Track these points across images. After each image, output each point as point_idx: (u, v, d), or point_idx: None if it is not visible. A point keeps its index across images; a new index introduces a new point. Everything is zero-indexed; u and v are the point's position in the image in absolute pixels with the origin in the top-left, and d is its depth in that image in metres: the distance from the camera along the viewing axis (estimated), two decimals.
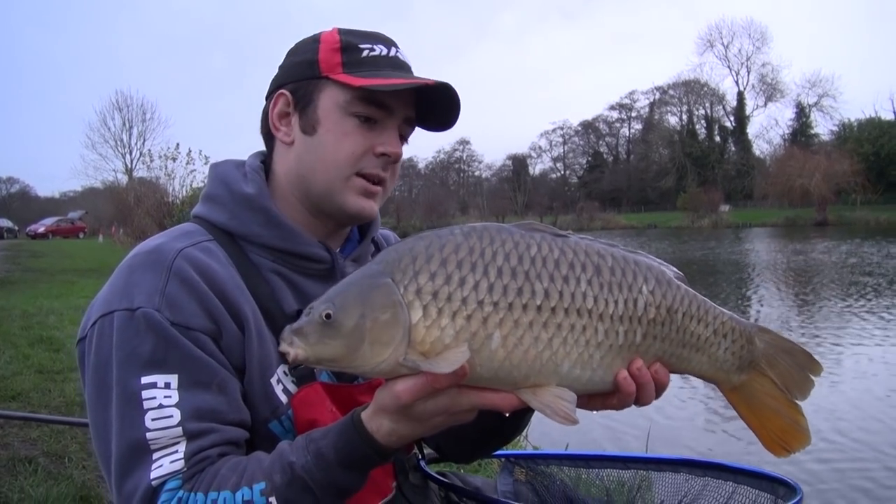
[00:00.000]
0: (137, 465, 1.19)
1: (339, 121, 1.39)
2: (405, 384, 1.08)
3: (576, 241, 1.18)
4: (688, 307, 1.22)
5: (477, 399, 1.11)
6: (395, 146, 1.43)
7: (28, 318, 10.44)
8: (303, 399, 1.35)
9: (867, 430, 7.06)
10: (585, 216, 79.75)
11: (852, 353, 10.49)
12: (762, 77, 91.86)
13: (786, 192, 65.59)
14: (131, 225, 30.07)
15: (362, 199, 1.43)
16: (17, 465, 4.26)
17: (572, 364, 1.12)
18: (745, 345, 1.27)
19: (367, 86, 1.36)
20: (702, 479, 1.66)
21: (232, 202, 1.43)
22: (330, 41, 1.43)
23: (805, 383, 1.29)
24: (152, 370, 1.21)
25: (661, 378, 1.22)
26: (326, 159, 1.41)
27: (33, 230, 55.93)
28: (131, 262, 1.32)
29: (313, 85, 1.42)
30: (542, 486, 1.75)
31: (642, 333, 1.18)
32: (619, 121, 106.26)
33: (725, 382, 1.29)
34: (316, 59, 1.42)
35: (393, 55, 1.44)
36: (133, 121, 60.85)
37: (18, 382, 6.25)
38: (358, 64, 1.40)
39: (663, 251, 34.82)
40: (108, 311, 1.26)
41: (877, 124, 73.80)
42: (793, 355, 1.30)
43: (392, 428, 1.15)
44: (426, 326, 1.06)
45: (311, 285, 1.43)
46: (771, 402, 1.29)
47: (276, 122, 1.46)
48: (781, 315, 14.44)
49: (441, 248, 1.10)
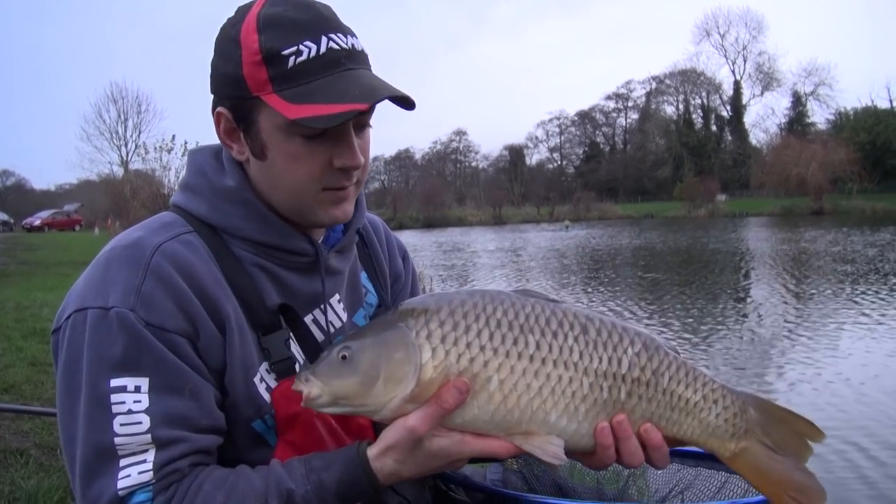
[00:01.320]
0: (103, 470, 1.16)
1: (285, 143, 1.27)
2: (417, 415, 1.16)
3: (566, 306, 1.26)
4: (675, 372, 1.28)
5: (479, 445, 1.19)
6: (353, 157, 1.30)
7: (22, 311, 10.41)
8: (283, 392, 1.32)
9: (860, 415, 7.08)
10: (582, 206, 79.86)
11: (833, 340, 10.56)
12: (759, 66, 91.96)
13: (782, 181, 65.77)
14: (127, 217, 30.09)
15: (333, 208, 1.35)
16: (8, 457, 4.25)
17: (559, 414, 1.21)
18: (738, 412, 1.30)
19: (299, 120, 1.22)
20: (694, 469, 1.66)
21: (212, 193, 1.36)
22: (251, 49, 1.24)
23: (803, 451, 1.30)
24: (123, 372, 1.17)
25: (651, 438, 1.25)
26: (285, 184, 1.32)
27: (29, 223, 55.70)
28: (109, 256, 1.27)
29: (249, 105, 1.27)
30: (532, 475, 1.74)
31: (626, 392, 1.24)
32: (615, 111, 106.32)
33: (722, 450, 1.31)
34: (241, 76, 1.25)
35: (325, 50, 1.24)
36: (128, 113, 60.69)
37: (11, 375, 6.23)
38: (286, 79, 1.23)
39: (658, 240, 34.91)
40: (81, 307, 1.22)
41: (873, 113, 73.93)
42: (790, 424, 1.32)
43: (395, 468, 1.20)
44: (434, 366, 1.17)
45: (294, 278, 1.39)
46: (777, 464, 1.30)
47: (227, 141, 1.35)
48: (766, 303, 14.57)
49: (449, 302, 1.22)
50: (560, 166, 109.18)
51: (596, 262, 27.01)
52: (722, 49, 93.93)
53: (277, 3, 1.27)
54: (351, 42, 1.29)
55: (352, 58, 1.28)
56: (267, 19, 1.25)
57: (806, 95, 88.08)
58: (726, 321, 13.02)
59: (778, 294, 15.98)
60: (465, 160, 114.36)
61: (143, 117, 60.69)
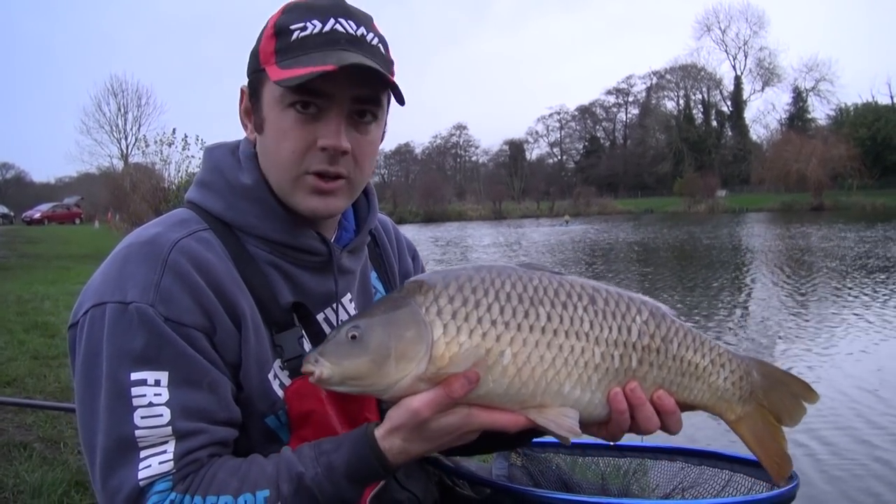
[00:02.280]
0: (124, 461, 1.17)
1: (279, 116, 1.30)
2: (422, 398, 1.14)
3: (572, 278, 1.27)
4: (683, 338, 1.30)
5: (487, 418, 1.17)
6: (335, 138, 1.28)
7: (23, 304, 10.44)
8: (297, 391, 1.34)
9: (859, 415, 7.10)
10: (582, 201, 79.82)
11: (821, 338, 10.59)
12: (759, 61, 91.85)
13: (782, 176, 65.71)
14: (127, 210, 30.05)
15: (313, 198, 1.33)
16: (12, 450, 4.26)
17: (573, 385, 1.21)
18: (743, 375, 1.35)
19: (279, 81, 1.25)
20: (697, 468, 1.67)
21: (228, 191, 1.37)
22: (270, 23, 1.33)
23: (798, 411, 1.36)
24: (143, 366, 1.19)
25: (665, 404, 1.27)
26: (273, 160, 1.34)
27: (29, 216, 55.77)
28: (126, 252, 1.28)
29: (258, 79, 1.33)
30: (537, 471, 1.76)
31: (637, 359, 1.26)
32: (615, 106, 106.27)
33: (730, 413, 1.35)
34: (257, 50, 1.33)
35: (328, 29, 1.28)
36: (128, 106, 60.59)
37: (14, 368, 6.25)
38: (288, 50, 1.28)
39: (657, 234, 34.90)
40: (100, 302, 1.22)
41: (873, 109, 73.85)
42: (788, 385, 1.37)
43: (403, 446, 1.19)
44: (446, 342, 1.15)
45: (307, 277, 1.40)
46: (770, 430, 1.36)
47: (244, 119, 1.41)
48: (762, 297, 14.60)
49: (456, 277, 1.21)
50: (560, 161, 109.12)
51: (592, 257, 27.00)
52: (723, 44, 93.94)
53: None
54: (361, 32, 1.31)
55: (354, 42, 1.29)
56: (292, 4, 1.34)
57: (806, 91, 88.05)
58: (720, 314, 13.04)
59: (773, 288, 16.00)
60: (465, 155, 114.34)
61: (143, 110, 60.68)
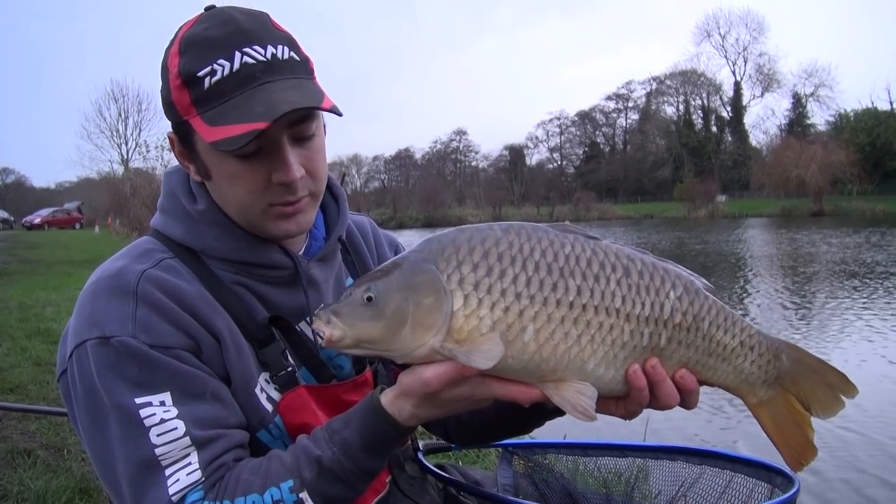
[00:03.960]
0: (150, 483, 1.17)
1: (221, 164, 1.29)
2: (435, 370, 1.10)
3: (606, 244, 1.20)
4: (714, 316, 1.24)
5: (499, 390, 1.14)
6: (287, 172, 1.27)
7: (25, 310, 10.44)
8: (288, 404, 1.35)
9: (866, 417, 7.10)
10: (582, 207, 79.64)
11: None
12: (759, 67, 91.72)
13: (782, 182, 65.62)
14: (127, 215, 30.08)
15: (283, 222, 1.34)
16: (15, 457, 4.27)
17: (597, 362, 1.15)
18: (771, 359, 1.29)
19: (213, 143, 1.22)
20: (698, 468, 1.67)
21: (185, 216, 1.38)
22: (173, 73, 1.26)
23: (834, 403, 1.30)
24: (144, 391, 1.19)
25: (687, 384, 1.22)
26: (232, 202, 1.33)
27: (29, 221, 55.71)
28: (94, 289, 1.27)
29: (184, 128, 1.29)
30: (540, 480, 1.77)
31: (667, 337, 1.20)
32: (615, 111, 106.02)
33: (751, 396, 1.31)
34: (172, 101, 1.28)
35: (238, 66, 1.22)
36: (129, 111, 60.35)
37: (16, 374, 6.26)
38: (205, 101, 1.24)
39: (658, 239, 34.90)
40: (80, 342, 1.23)
41: (873, 114, 73.68)
42: (823, 375, 1.31)
43: (413, 412, 1.18)
44: (465, 315, 1.09)
45: (276, 293, 1.40)
46: (794, 417, 1.31)
47: (183, 162, 1.38)
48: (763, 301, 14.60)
49: (483, 241, 1.13)
50: (560, 166, 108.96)
51: None
52: (722, 50, 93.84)
53: (202, 21, 1.28)
54: (270, 52, 1.25)
55: (270, 70, 1.24)
56: (186, 41, 1.26)
57: (806, 97, 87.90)
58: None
59: (773, 293, 16.00)
60: (465, 160, 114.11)
61: (143, 115, 60.40)
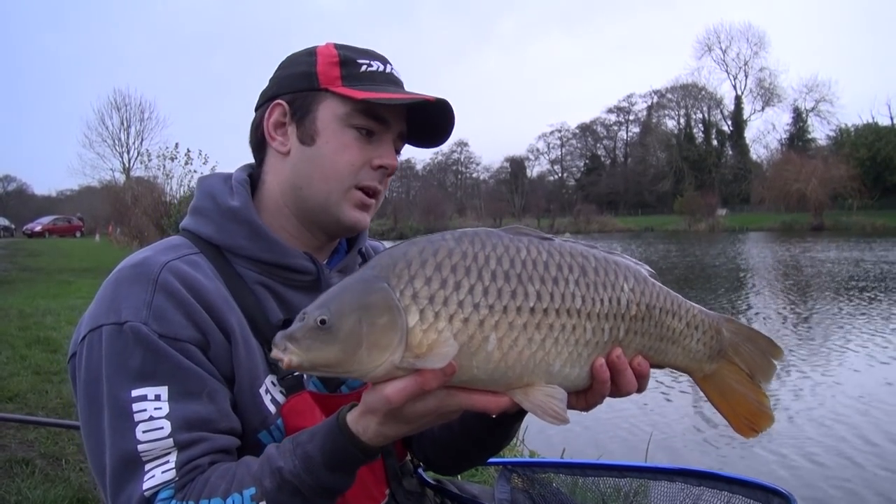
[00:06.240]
0: (130, 477, 1.21)
1: (339, 132, 1.42)
2: (395, 386, 1.07)
3: (560, 244, 1.21)
4: (664, 303, 1.29)
5: (466, 400, 1.12)
6: (392, 159, 1.47)
7: (25, 319, 10.42)
8: (292, 408, 1.37)
9: (859, 434, 7.09)
10: (582, 219, 79.85)
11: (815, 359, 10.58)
12: (760, 81, 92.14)
13: (782, 196, 65.72)
14: (128, 224, 30.05)
15: (357, 211, 1.46)
16: (14, 467, 4.26)
17: (563, 363, 1.15)
18: (714, 335, 1.34)
19: (370, 99, 1.39)
20: (697, 489, 1.67)
21: (218, 215, 1.44)
22: (327, 55, 1.46)
23: (768, 368, 1.37)
24: (142, 383, 1.23)
25: (643, 369, 1.26)
26: (325, 170, 1.43)
27: (30, 229, 55.83)
28: (117, 277, 1.33)
29: (311, 96, 1.44)
30: (538, 495, 1.77)
31: (625, 329, 1.23)
32: (616, 124, 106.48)
33: (698, 371, 1.35)
34: (314, 72, 1.44)
35: (388, 72, 1.49)
36: (131, 120, 60.75)
37: (16, 383, 6.25)
38: (356, 78, 1.44)
39: (658, 253, 34.91)
40: (96, 326, 1.27)
41: (873, 129, 73.87)
42: (755, 342, 1.37)
43: (378, 430, 1.15)
44: (423, 330, 1.06)
45: (296, 296, 1.44)
46: (739, 387, 1.36)
47: (272, 132, 1.48)
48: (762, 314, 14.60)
49: (435, 252, 1.10)
50: (561, 178, 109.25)
51: None
52: (723, 64, 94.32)
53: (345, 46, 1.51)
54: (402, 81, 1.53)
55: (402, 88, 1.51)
56: (346, 45, 1.51)
57: (806, 111, 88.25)
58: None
59: (773, 306, 16.01)
60: (465, 171, 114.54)
61: (145, 125, 60.83)
